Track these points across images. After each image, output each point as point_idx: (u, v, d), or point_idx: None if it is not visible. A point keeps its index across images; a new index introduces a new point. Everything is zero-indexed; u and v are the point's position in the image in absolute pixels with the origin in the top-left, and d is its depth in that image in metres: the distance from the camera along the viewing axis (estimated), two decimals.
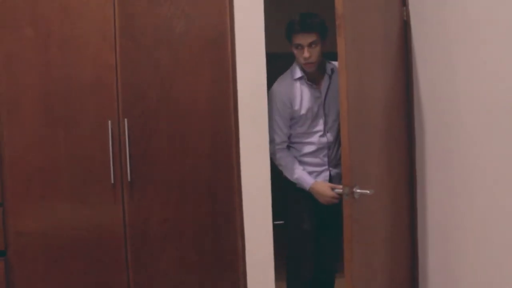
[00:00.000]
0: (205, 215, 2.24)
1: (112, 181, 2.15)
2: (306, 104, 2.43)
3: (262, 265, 2.27)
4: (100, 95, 2.17)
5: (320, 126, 2.47)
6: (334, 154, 2.52)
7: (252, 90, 2.24)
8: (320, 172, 2.51)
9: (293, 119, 2.45)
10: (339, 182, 2.36)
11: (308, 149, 2.47)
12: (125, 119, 2.16)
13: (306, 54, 2.34)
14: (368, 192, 2.02)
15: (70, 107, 2.16)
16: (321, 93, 2.46)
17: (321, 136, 2.48)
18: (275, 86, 2.47)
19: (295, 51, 2.39)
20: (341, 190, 2.00)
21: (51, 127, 2.16)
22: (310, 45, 2.33)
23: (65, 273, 2.17)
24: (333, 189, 2.35)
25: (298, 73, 2.44)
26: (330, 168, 2.52)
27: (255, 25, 2.25)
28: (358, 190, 1.96)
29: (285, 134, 2.46)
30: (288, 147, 2.51)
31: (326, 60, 2.50)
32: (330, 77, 2.48)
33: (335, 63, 2.38)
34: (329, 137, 2.48)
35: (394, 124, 2.51)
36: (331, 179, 2.51)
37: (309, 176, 2.46)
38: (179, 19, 2.20)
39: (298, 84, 2.44)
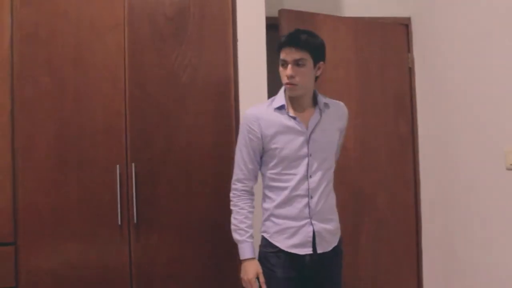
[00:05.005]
0: (209, 255, 2.34)
1: (119, 223, 2.26)
2: (283, 139, 1.96)
3: None
4: (109, 140, 2.29)
5: (301, 168, 1.96)
6: (318, 205, 1.97)
7: None
8: (299, 228, 1.95)
9: (265, 157, 2.00)
10: (327, 243, 1.98)
11: (282, 196, 1.97)
12: (133, 164, 2.27)
13: (289, 71, 1.90)
14: None
15: (82, 152, 2.28)
16: (307, 128, 1.98)
17: (301, 180, 1.96)
18: (247, 110, 2.04)
19: (280, 70, 1.96)
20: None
21: (63, 170, 2.27)
22: (296, 63, 1.90)
23: None
24: (257, 277, 1.95)
25: (280, 101, 1.98)
26: (314, 222, 1.96)
27: (258, 74, 2.38)
28: None
29: (249, 171, 2.00)
30: (249, 192, 2.03)
31: (323, 95, 2.06)
32: (321, 112, 2.01)
33: (334, 101, 2.09)
34: (312, 182, 1.96)
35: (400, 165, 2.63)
36: (314, 237, 1.96)
37: (252, 248, 1.98)
38: (185, 69, 2.33)
39: (277, 114, 1.98)
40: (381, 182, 2.72)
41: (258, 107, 2.03)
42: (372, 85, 2.83)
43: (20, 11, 2.30)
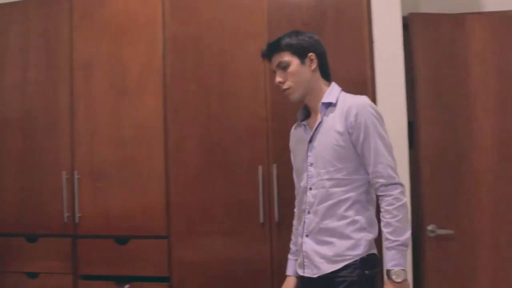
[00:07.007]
0: None
1: (262, 221, 2.37)
2: (296, 150, 1.94)
3: None
4: (252, 143, 2.42)
5: (304, 180, 1.82)
6: (312, 222, 1.78)
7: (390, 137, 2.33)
8: (301, 246, 1.83)
9: None
10: (317, 268, 1.75)
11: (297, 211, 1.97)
12: (274, 165, 2.38)
13: (276, 78, 1.82)
14: None
15: (226, 153, 2.44)
16: (309, 134, 1.84)
17: (303, 193, 1.83)
18: None
19: None
20: None
21: (209, 170, 2.46)
22: (281, 67, 1.81)
23: None
24: None
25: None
26: (305, 240, 1.79)
27: (395, 74, 2.35)
28: None
29: (297, 189, 1.97)
30: None
31: (339, 93, 1.86)
32: (322, 114, 1.82)
33: (349, 97, 1.84)
34: (310, 196, 1.78)
35: None
36: (303, 258, 1.81)
37: (292, 266, 1.95)
38: None
39: (298, 126, 1.95)
40: None
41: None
42: None
43: (170, 26, 2.54)
